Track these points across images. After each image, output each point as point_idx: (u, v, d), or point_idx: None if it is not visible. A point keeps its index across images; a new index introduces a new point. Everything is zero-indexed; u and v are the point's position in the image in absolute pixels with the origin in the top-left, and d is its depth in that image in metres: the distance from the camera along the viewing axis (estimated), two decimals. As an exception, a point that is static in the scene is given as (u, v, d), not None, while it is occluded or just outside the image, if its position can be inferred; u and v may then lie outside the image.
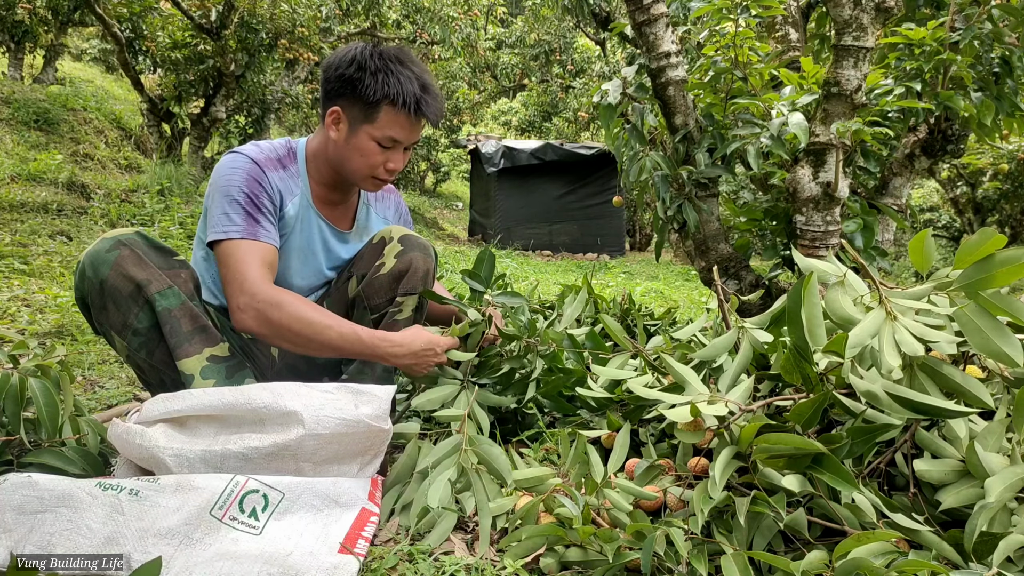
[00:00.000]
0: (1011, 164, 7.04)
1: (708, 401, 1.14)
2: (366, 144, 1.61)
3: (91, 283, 1.45)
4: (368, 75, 1.56)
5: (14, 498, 1.07)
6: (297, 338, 1.50)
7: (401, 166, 1.68)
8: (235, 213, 1.56)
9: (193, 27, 7.52)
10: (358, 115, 1.60)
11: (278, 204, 1.66)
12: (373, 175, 1.65)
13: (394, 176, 1.69)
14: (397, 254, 1.68)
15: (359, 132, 1.61)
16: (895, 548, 0.97)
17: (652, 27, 2.31)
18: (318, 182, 1.74)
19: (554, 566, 1.12)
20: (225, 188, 1.58)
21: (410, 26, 9.82)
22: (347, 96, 1.60)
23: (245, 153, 1.64)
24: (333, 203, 1.78)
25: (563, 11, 6.64)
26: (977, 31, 2.11)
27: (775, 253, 2.43)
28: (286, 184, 1.68)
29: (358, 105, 1.59)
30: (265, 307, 1.48)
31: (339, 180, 1.73)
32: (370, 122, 1.59)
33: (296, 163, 1.72)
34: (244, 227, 1.56)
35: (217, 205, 1.58)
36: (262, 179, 1.62)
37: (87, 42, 14.67)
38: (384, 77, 1.56)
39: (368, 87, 1.56)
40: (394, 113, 1.58)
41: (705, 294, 5.92)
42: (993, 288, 1.00)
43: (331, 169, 1.70)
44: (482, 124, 18.19)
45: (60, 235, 4.76)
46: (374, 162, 1.63)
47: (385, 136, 1.60)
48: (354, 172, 1.66)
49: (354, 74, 1.57)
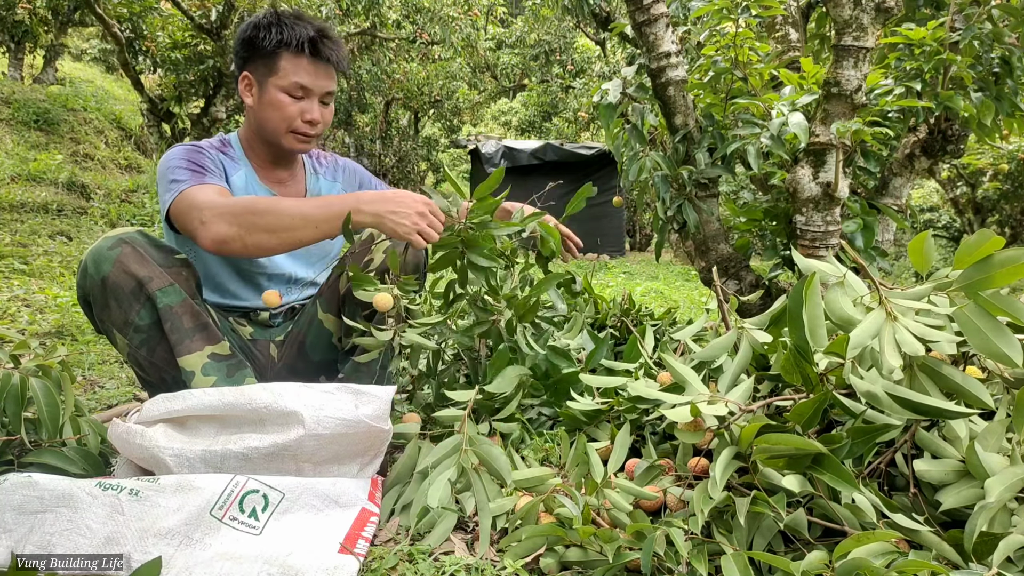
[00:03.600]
0: (1011, 164, 7.03)
1: (708, 401, 1.14)
2: (276, 96, 1.63)
3: (93, 280, 1.45)
4: (263, 30, 1.61)
5: (14, 498, 1.07)
6: (266, 221, 1.39)
7: (319, 116, 1.67)
8: (180, 177, 1.56)
9: (193, 27, 7.52)
10: (263, 71, 1.64)
11: (222, 170, 1.67)
12: (291, 129, 1.66)
13: (316, 129, 1.68)
14: (386, 248, 1.69)
15: (267, 88, 1.64)
16: (895, 548, 0.97)
17: (652, 27, 2.31)
18: (258, 164, 1.76)
19: (554, 566, 1.12)
20: (166, 170, 1.59)
21: (410, 26, 9.82)
22: (251, 59, 1.65)
23: (180, 144, 1.68)
24: (281, 180, 1.80)
25: (563, 11, 6.64)
26: (977, 31, 2.11)
27: (775, 253, 2.43)
28: (229, 162, 1.71)
29: (260, 62, 1.63)
30: (220, 210, 1.41)
31: (275, 154, 1.75)
32: (273, 74, 1.62)
33: (233, 149, 1.75)
34: (190, 180, 1.54)
35: (163, 184, 1.58)
36: (201, 152, 1.65)
37: (87, 42, 14.67)
38: (277, 28, 1.61)
39: (263, 39, 1.61)
40: (293, 58, 1.61)
41: (705, 294, 5.92)
42: (993, 288, 1.00)
43: (264, 143, 1.73)
44: (482, 124, 18.19)
45: (60, 235, 4.76)
46: (288, 114, 1.64)
47: (291, 84, 1.62)
48: (274, 131, 1.67)
49: (251, 33, 1.63)
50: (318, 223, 1.41)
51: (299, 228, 1.41)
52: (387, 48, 11.11)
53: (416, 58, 12.06)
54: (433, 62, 12.25)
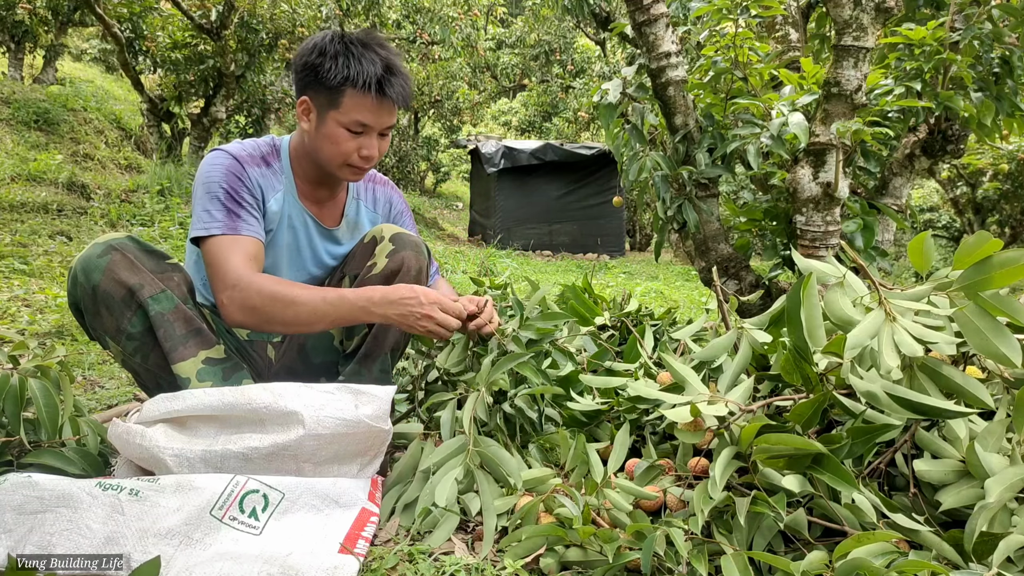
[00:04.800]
0: (1011, 164, 7.03)
1: (708, 401, 1.14)
2: (335, 131, 1.58)
3: (83, 289, 1.44)
4: (328, 59, 1.53)
5: (14, 498, 1.07)
6: (284, 315, 1.47)
7: (376, 152, 1.63)
8: (215, 209, 1.55)
9: (193, 27, 7.52)
10: (324, 102, 1.57)
11: (259, 199, 1.65)
12: (347, 163, 1.62)
13: (372, 163, 1.65)
14: (388, 253, 1.68)
15: (327, 119, 1.58)
16: (895, 548, 0.97)
17: (652, 27, 2.31)
18: (303, 179, 1.72)
19: (554, 566, 1.12)
20: (206, 185, 1.58)
21: (410, 26, 9.83)
22: (312, 85, 1.58)
23: (227, 150, 1.63)
24: (320, 200, 1.77)
25: (563, 11, 6.64)
26: (977, 31, 2.11)
27: (775, 253, 2.43)
28: (268, 180, 1.67)
29: (323, 92, 1.57)
30: (246, 293, 1.46)
31: (322, 175, 1.71)
32: (335, 107, 1.56)
33: (280, 160, 1.71)
34: (225, 222, 1.55)
35: (199, 202, 1.57)
36: (241, 174, 1.61)
37: (87, 42, 14.67)
38: (344, 60, 1.53)
39: (329, 71, 1.53)
40: (358, 96, 1.54)
41: (705, 294, 5.92)
42: (992, 289, 1.00)
43: (312, 164, 1.69)
44: (482, 124, 18.20)
45: (60, 235, 4.76)
46: (346, 149, 1.59)
47: (352, 121, 1.56)
48: (328, 161, 1.63)
49: (315, 60, 1.55)
50: (332, 321, 1.52)
51: (313, 324, 1.51)
52: (387, 48, 11.11)
53: (416, 58, 12.07)
54: (433, 62, 12.26)
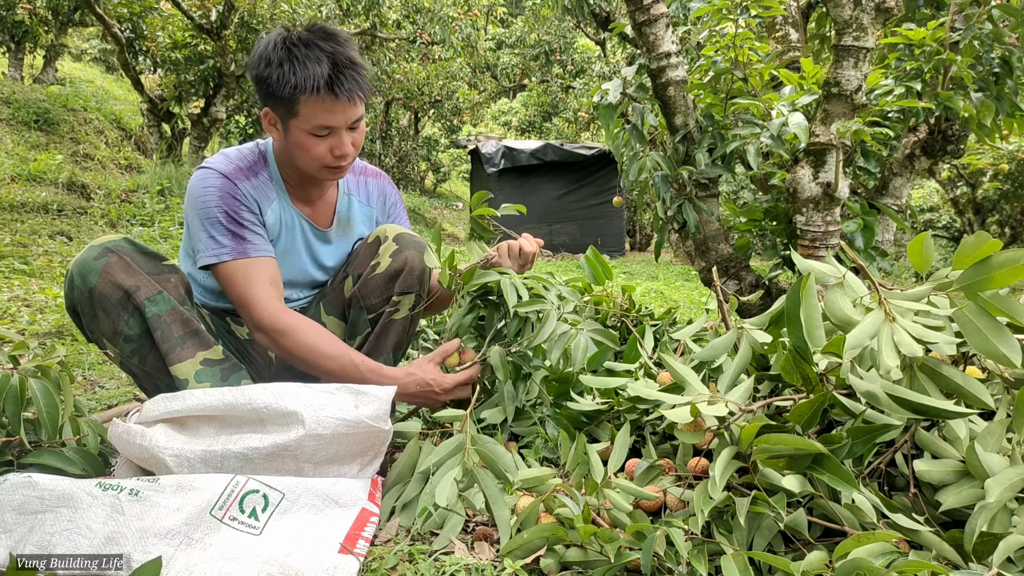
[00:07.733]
0: (1011, 164, 7.03)
1: (708, 401, 1.14)
2: (302, 139, 1.54)
3: (80, 292, 1.44)
4: (274, 69, 1.48)
5: (14, 498, 1.07)
6: (302, 364, 1.57)
7: (349, 148, 1.58)
8: (220, 235, 1.56)
9: (193, 27, 7.51)
10: (283, 112, 1.54)
11: (258, 212, 1.64)
12: (324, 165, 1.58)
13: (349, 159, 1.61)
14: (392, 253, 1.67)
15: (291, 129, 1.54)
16: (895, 548, 0.97)
17: (652, 27, 2.31)
18: (291, 183, 1.71)
19: (554, 566, 1.12)
20: (203, 211, 1.57)
21: (410, 26, 9.82)
22: (268, 97, 1.54)
23: (214, 168, 1.61)
24: (311, 200, 1.76)
25: (563, 11, 6.64)
26: (977, 31, 2.11)
27: (775, 253, 2.43)
28: (260, 191, 1.65)
29: (279, 103, 1.52)
30: (273, 336, 1.55)
31: (306, 177, 1.68)
32: (294, 116, 1.52)
33: (268, 167, 1.70)
34: (232, 247, 1.56)
35: (200, 228, 1.57)
36: (235, 192, 1.59)
37: (87, 42, 14.67)
38: (290, 67, 1.47)
39: (277, 82, 1.48)
40: (312, 102, 1.49)
41: (705, 294, 5.92)
42: (992, 289, 1.00)
43: (294, 168, 1.67)
44: (482, 124, 18.20)
45: (60, 235, 4.76)
46: (317, 154, 1.55)
47: (314, 126, 1.52)
48: (305, 168, 1.61)
49: (263, 72, 1.50)
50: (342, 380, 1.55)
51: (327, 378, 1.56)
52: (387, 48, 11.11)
53: (416, 58, 12.07)
54: (433, 62, 12.25)
